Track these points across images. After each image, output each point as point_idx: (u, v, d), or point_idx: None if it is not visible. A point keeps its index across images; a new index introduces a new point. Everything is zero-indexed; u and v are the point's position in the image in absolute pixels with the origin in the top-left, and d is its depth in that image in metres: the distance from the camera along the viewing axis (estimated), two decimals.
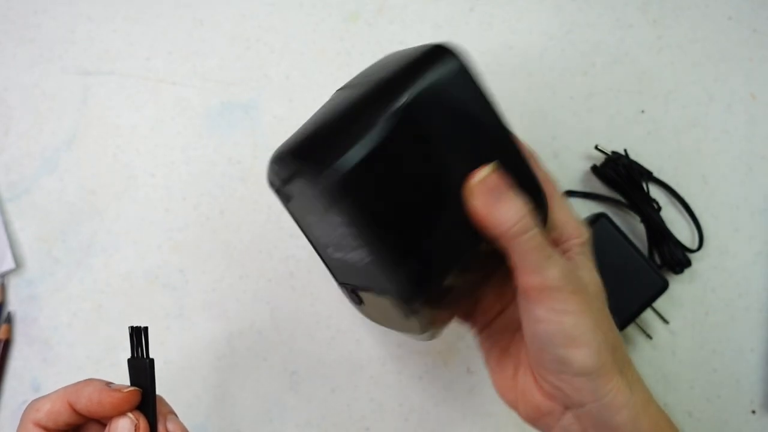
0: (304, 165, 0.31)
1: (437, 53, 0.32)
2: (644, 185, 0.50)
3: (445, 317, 0.36)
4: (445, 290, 0.32)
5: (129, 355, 0.36)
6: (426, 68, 0.31)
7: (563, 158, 0.52)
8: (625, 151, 0.50)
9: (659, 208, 0.50)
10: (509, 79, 0.53)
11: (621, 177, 0.50)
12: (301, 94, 0.52)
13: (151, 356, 0.36)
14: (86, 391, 0.35)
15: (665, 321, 0.50)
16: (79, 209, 0.51)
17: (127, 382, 0.36)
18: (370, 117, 0.30)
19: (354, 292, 0.38)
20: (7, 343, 0.49)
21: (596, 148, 0.51)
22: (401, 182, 0.31)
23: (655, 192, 0.51)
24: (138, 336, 0.36)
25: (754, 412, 0.50)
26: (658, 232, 0.49)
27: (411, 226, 0.31)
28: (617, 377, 0.34)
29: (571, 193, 0.51)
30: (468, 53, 0.33)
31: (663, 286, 0.47)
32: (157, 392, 0.36)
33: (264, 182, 0.51)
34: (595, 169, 0.51)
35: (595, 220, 0.48)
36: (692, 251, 0.50)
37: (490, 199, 0.32)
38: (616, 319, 0.48)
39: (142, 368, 0.36)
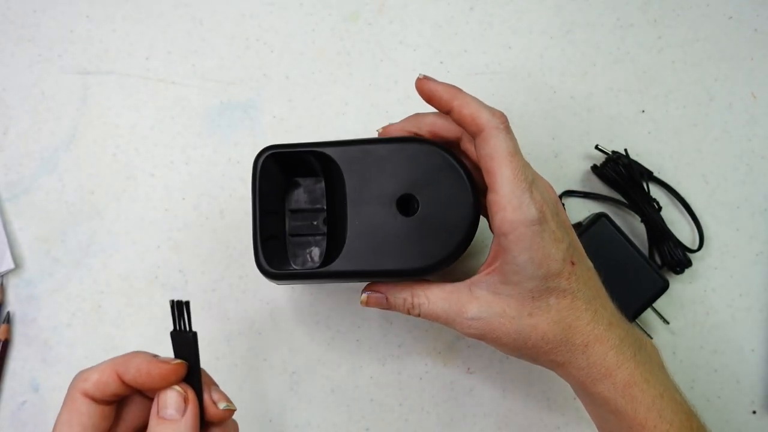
0: None
1: None
2: (645, 185, 0.50)
3: None
4: None
5: (170, 330, 0.36)
6: None
7: (563, 158, 0.52)
8: (626, 150, 0.50)
9: (660, 208, 0.50)
10: (509, 78, 0.53)
11: (621, 177, 0.50)
12: (301, 94, 0.52)
13: (194, 329, 0.36)
14: (134, 362, 0.35)
15: (665, 321, 0.50)
16: (79, 209, 0.51)
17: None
18: None
19: None
20: (6, 344, 0.49)
21: (596, 147, 0.51)
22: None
23: (655, 192, 0.51)
24: (180, 309, 0.37)
25: (754, 412, 0.50)
26: (659, 232, 0.49)
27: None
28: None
29: (571, 193, 0.51)
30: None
31: (663, 286, 0.47)
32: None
33: None
34: (596, 169, 0.51)
35: (595, 220, 0.48)
36: (693, 251, 0.50)
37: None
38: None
39: (186, 341, 0.36)
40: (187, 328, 0.36)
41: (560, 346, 0.39)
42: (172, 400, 0.35)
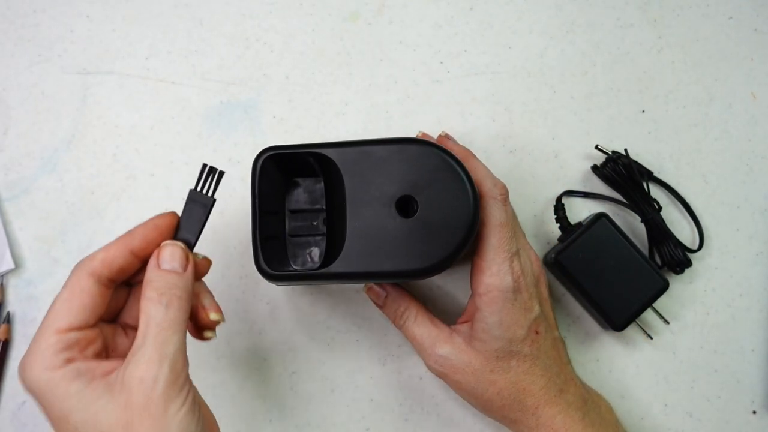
0: None
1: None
2: (645, 185, 0.50)
3: None
4: None
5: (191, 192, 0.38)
6: None
7: (563, 158, 0.52)
8: (626, 150, 0.50)
9: (660, 208, 0.50)
10: (509, 78, 0.53)
11: (621, 177, 0.50)
12: (301, 94, 0.52)
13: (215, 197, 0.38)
14: (138, 228, 0.36)
15: (666, 321, 0.50)
16: (79, 209, 0.51)
17: None
18: None
19: None
20: (7, 344, 0.49)
21: (596, 147, 0.51)
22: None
23: (655, 192, 0.51)
24: (210, 175, 0.37)
25: (754, 412, 0.50)
26: (659, 232, 0.49)
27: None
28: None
29: (571, 193, 0.51)
30: None
31: (663, 286, 0.47)
32: None
33: None
34: (596, 169, 0.51)
35: (595, 220, 0.48)
36: (693, 251, 0.50)
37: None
38: (616, 319, 0.48)
39: (201, 204, 0.37)
40: (211, 194, 0.37)
41: (513, 405, 0.43)
42: (174, 254, 0.36)
